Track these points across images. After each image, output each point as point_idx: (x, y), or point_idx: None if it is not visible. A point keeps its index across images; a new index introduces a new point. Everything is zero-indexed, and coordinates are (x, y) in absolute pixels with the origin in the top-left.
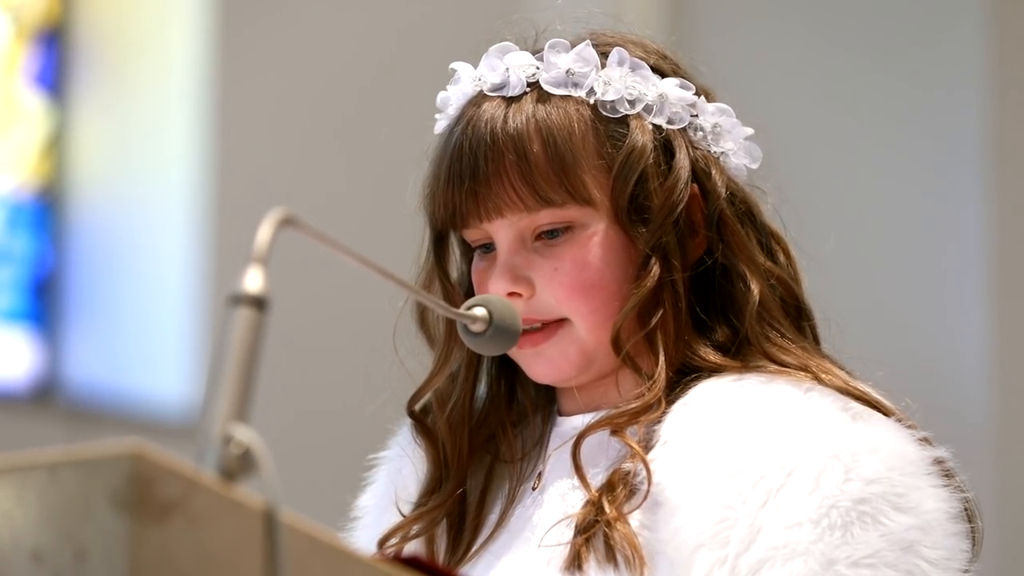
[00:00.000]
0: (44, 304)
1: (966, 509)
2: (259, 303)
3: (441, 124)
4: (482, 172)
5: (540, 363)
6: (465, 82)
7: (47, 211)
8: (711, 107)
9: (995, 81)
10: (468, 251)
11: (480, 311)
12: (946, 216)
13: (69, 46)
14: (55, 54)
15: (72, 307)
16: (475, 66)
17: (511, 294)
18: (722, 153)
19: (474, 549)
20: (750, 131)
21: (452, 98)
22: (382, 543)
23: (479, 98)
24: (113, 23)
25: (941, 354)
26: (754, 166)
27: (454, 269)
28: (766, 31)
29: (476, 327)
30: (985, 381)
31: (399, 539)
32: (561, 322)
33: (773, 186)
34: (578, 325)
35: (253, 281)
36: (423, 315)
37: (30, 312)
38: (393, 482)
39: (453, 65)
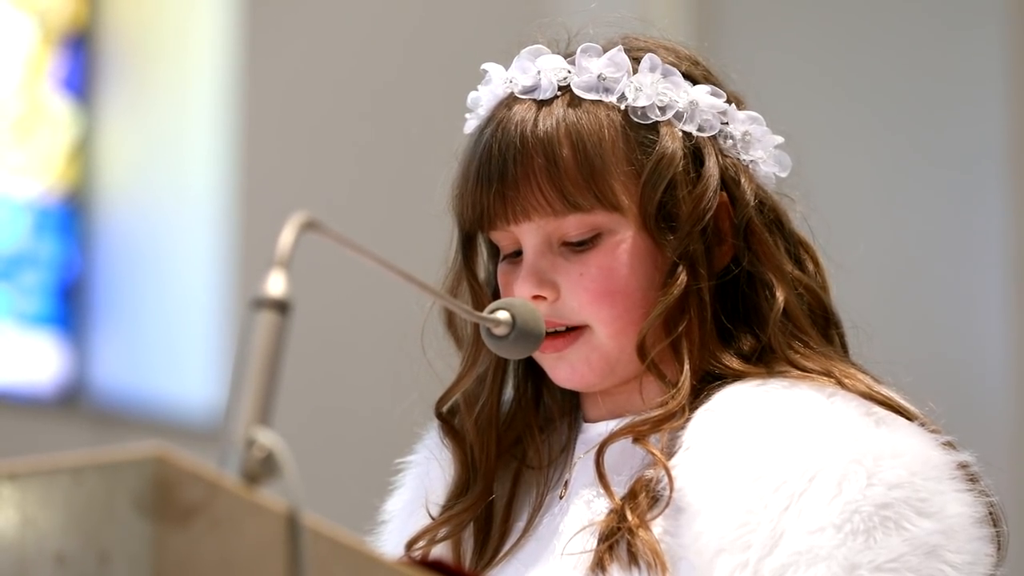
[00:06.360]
0: (70, 308)
1: (991, 513)
2: (282, 307)
3: (471, 124)
4: (510, 175)
5: (562, 368)
6: (496, 83)
7: (74, 216)
8: (742, 115)
9: (1017, 90)
10: (495, 252)
11: (503, 315)
12: (971, 224)
13: (96, 51)
14: (82, 59)
15: (98, 311)
16: (505, 67)
17: (536, 297)
18: (751, 161)
19: (501, 555)
20: (780, 139)
21: (482, 98)
22: (409, 546)
23: (509, 100)
24: (139, 28)
25: (965, 359)
26: (783, 175)
27: (482, 270)
28: (793, 40)
29: (499, 331)
30: (1009, 385)
31: (426, 542)
32: (582, 328)
33: (801, 194)
34: (599, 331)
35: (275, 285)
36: (450, 316)
37: (57, 316)
38: (421, 486)
39: (484, 66)
